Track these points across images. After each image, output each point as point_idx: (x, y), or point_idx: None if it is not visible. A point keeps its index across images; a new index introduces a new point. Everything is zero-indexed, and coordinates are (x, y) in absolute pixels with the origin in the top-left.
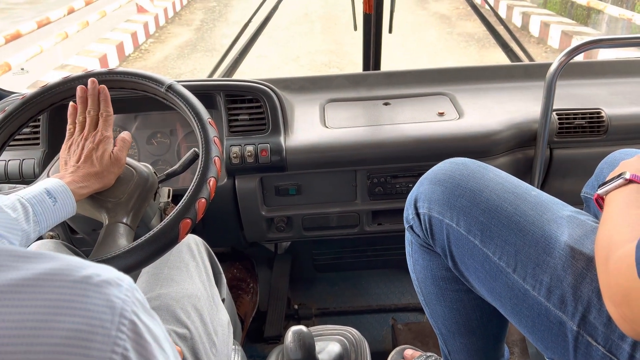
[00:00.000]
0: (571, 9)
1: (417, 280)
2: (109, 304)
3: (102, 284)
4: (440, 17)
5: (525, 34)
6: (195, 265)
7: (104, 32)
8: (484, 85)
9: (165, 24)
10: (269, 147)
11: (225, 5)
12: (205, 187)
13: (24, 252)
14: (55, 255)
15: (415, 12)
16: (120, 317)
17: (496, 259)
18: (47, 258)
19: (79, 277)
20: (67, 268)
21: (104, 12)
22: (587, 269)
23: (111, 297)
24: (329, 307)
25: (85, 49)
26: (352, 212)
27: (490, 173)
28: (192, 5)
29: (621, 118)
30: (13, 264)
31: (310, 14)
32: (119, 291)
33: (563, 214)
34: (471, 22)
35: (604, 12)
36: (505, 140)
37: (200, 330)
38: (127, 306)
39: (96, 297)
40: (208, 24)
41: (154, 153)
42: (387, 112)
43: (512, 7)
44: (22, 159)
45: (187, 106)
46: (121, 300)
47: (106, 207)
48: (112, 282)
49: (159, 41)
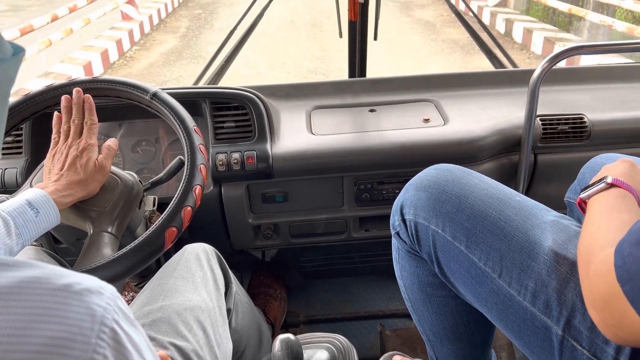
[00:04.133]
0: (553, 15)
1: (404, 286)
2: (89, 312)
3: (83, 292)
4: (425, 23)
5: (508, 40)
6: (202, 275)
7: (88, 39)
8: (468, 91)
9: (151, 31)
10: (255, 154)
11: (210, 12)
12: (191, 195)
13: (5, 260)
14: (36, 264)
15: (399, 18)
16: (101, 325)
17: (482, 264)
18: (28, 266)
19: (60, 285)
20: (47, 276)
21: (88, 20)
22: (571, 274)
23: (92, 305)
24: (317, 314)
25: (69, 57)
26: (339, 219)
27: (475, 179)
28: (177, 12)
29: (603, 123)
30: None
31: (296, 21)
32: (100, 299)
33: (547, 219)
34: (455, 29)
35: (585, 18)
36: (490, 146)
37: (201, 343)
38: (108, 314)
39: (76, 304)
40: (193, 31)
41: (138, 161)
42: (372, 118)
43: (496, 14)
44: (5, 168)
45: (172, 114)
46: (102, 309)
47: (90, 217)
48: (93, 290)
49: (144, 48)
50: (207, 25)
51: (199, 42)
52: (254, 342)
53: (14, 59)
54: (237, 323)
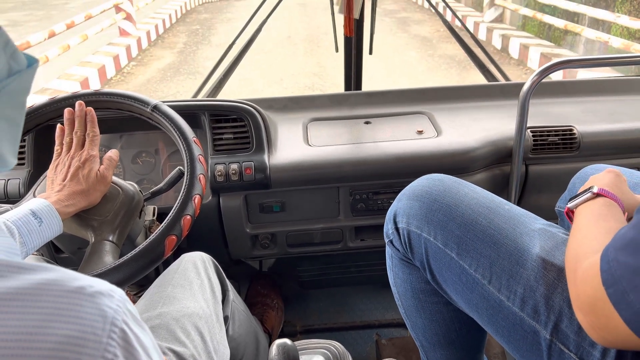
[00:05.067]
0: (549, 31)
1: (398, 293)
2: (101, 313)
3: (95, 294)
4: (422, 39)
5: (505, 55)
6: (200, 283)
7: (86, 55)
8: (461, 104)
9: (148, 46)
10: (253, 165)
11: (208, 28)
12: (190, 204)
13: (22, 264)
14: (52, 267)
15: (396, 34)
16: (112, 326)
17: (472, 271)
18: (44, 270)
19: (74, 287)
20: (62, 279)
21: (85, 36)
22: (558, 280)
23: (103, 307)
24: (314, 324)
25: (66, 73)
26: (335, 228)
27: (465, 188)
28: (175, 28)
29: (592, 135)
30: (11, 274)
31: (294, 36)
32: (110, 301)
33: (535, 226)
34: (452, 44)
35: (581, 34)
36: (482, 157)
37: (199, 349)
38: (118, 315)
39: (89, 306)
40: (191, 46)
41: (138, 172)
42: (368, 130)
43: (492, 29)
44: (8, 179)
45: (172, 125)
46: (113, 310)
47: (92, 225)
48: (104, 293)
49: (142, 64)
50: (204, 41)
51: (197, 58)
52: (251, 350)
53: (29, 70)
54: (234, 331)
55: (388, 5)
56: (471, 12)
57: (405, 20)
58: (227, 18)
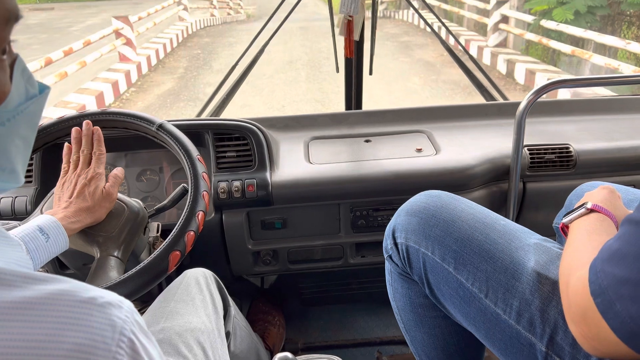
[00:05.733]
0: (553, 55)
1: (397, 307)
2: (110, 323)
3: (106, 304)
4: (425, 64)
5: (510, 81)
6: (202, 299)
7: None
8: (459, 123)
9: (149, 72)
10: (255, 183)
11: (209, 52)
12: (194, 221)
13: (36, 275)
14: (63, 279)
15: (398, 59)
16: (120, 335)
17: (469, 285)
18: (57, 281)
19: (85, 298)
20: (74, 289)
21: (83, 62)
22: (552, 293)
23: (113, 317)
24: (315, 341)
25: (63, 100)
26: (336, 245)
27: (462, 204)
28: (176, 52)
29: (588, 153)
30: (26, 285)
31: (295, 61)
32: (119, 312)
33: (530, 241)
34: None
35: (590, 60)
36: (480, 175)
37: None
38: (127, 325)
39: (99, 316)
40: (191, 72)
41: (143, 190)
42: (368, 148)
43: (497, 54)
44: (15, 196)
45: (177, 144)
46: (121, 320)
47: (97, 241)
48: (114, 304)
49: (141, 90)
50: (205, 66)
51: (197, 84)
52: None
53: (42, 95)
54: (235, 347)
55: (390, 29)
56: (474, 36)
57: (407, 44)
58: (229, 42)
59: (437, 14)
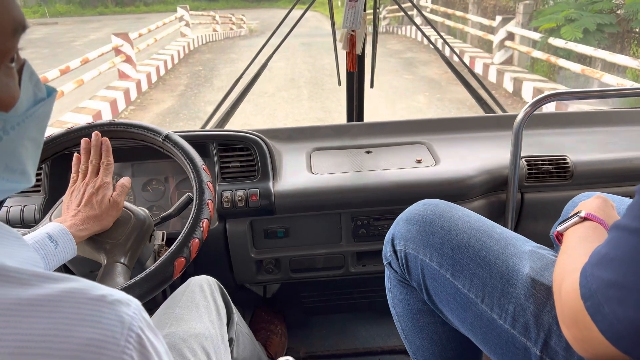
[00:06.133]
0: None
1: (396, 314)
2: (119, 319)
3: (115, 302)
4: (429, 81)
5: (517, 99)
6: (206, 305)
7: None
8: (458, 134)
9: (149, 89)
10: (258, 192)
11: (211, 69)
12: (199, 228)
13: (49, 274)
14: (75, 278)
15: (402, 76)
16: (129, 331)
17: (466, 290)
18: (69, 280)
19: (96, 296)
20: (85, 288)
21: (81, 81)
22: (547, 298)
23: (122, 314)
24: (317, 350)
25: (59, 120)
26: (337, 254)
27: (459, 212)
28: (177, 69)
29: (585, 164)
30: (40, 283)
31: (297, 79)
32: (128, 309)
33: (525, 248)
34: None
35: (601, 80)
36: (479, 185)
37: None
38: (135, 322)
39: (109, 312)
40: (192, 89)
41: (148, 199)
42: (369, 159)
43: (503, 72)
44: (24, 205)
45: (182, 154)
46: (130, 317)
47: (105, 248)
48: (123, 302)
49: (140, 108)
50: (206, 83)
51: (197, 102)
52: None
53: (50, 98)
54: (238, 354)
55: (393, 45)
56: (480, 53)
57: (411, 61)
58: (231, 59)
59: (437, 30)
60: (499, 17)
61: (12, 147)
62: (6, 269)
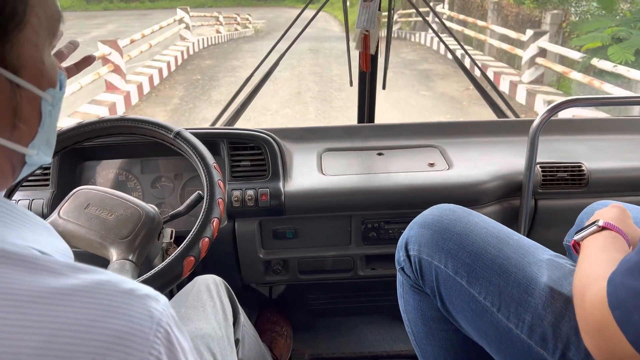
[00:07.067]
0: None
1: (408, 320)
2: (149, 314)
3: (144, 297)
4: (449, 100)
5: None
6: (213, 305)
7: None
8: (472, 139)
9: (139, 102)
10: (268, 192)
11: (209, 78)
12: (209, 227)
13: (80, 265)
14: (103, 270)
15: (419, 92)
16: (157, 326)
17: (481, 298)
18: (98, 272)
19: (126, 289)
20: (115, 280)
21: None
22: (565, 309)
23: (151, 309)
24: (322, 353)
25: None
26: (346, 256)
27: (475, 218)
28: (173, 78)
29: (600, 172)
30: (71, 273)
31: (304, 93)
32: (157, 305)
33: (543, 257)
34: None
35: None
36: (492, 191)
37: None
38: (164, 318)
39: (139, 306)
40: (187, 103)
41: (157, 196)
42: (380, 161)
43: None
44: (32, 199)
45: (194, 151)
46: (159, 312)
47: (113, 245)
48: (152, 297)
49: None
50: (203, 96)
51: (191, 119)
52: None
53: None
54: (244, 355)
55: (407, 54)
56: (505, 68)
57: (427, 73)
58: (232, 66)
59: (459, 40)
60: (530, 31)
61: (54, 123)
62: (38, 257)
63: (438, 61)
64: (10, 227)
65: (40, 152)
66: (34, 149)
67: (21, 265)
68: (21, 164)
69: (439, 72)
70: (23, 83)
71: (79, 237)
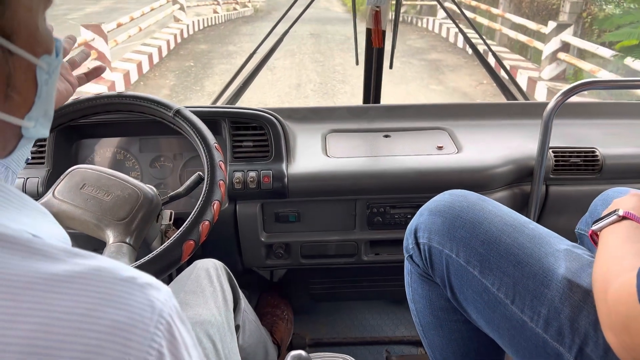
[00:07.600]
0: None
1: (416, 309)
2: (150, 304)
3: (146, 285)
4: (463, 96)
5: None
6: (212, 290)
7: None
8: (481, 121)
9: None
10: (271, 174)
11: (203, 66)
12: (209, 210)
13: (77, 250)
14: (102, 257)
15: (428, 86)
16: (159, 317)
17: (495, 290)
18: (96, 257)
19: (126, 277)
20: (114, 267)
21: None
22: (584, 302)
23: (152, 298)
24: (323, 337)
25: None
26: (350, 241)
27: (489, 205)
28: (165, 64)
29: (615, 158)
30: (68, 258)
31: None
32: (159, 294)
33: (560, 247)
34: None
35: None
36: (503, 175)
37: (210, 356)
38: (166, 309)
39: (140, 295)
40: (178, 94)
41: (156, 176)
42: (387, 144)
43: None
44: (27, 177)
45: (194, 130)
46: (161, 302)
47: (110, 227)
48: (153, 286)
49: None
50: (196, 85)
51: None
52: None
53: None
54: (244, 340)
55: (414, 41)
56: (522, 61)
57: (437, 64)
58: (228, 52)
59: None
60: (553, 22)
61: (51, 93)
62: (33, 241)
63: (447, 50)
64: (5, 210)
65: (37, 124)
66: (31, 121)
67: (16, 249)
68: (16, 137)
69: (450, 63)
70: (15, 49)
71: (74, 218)
